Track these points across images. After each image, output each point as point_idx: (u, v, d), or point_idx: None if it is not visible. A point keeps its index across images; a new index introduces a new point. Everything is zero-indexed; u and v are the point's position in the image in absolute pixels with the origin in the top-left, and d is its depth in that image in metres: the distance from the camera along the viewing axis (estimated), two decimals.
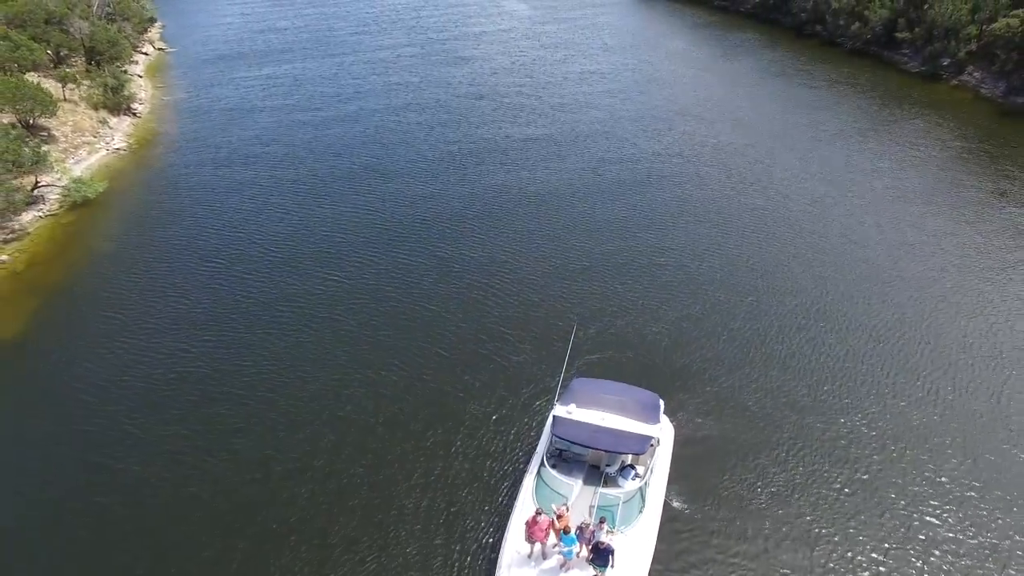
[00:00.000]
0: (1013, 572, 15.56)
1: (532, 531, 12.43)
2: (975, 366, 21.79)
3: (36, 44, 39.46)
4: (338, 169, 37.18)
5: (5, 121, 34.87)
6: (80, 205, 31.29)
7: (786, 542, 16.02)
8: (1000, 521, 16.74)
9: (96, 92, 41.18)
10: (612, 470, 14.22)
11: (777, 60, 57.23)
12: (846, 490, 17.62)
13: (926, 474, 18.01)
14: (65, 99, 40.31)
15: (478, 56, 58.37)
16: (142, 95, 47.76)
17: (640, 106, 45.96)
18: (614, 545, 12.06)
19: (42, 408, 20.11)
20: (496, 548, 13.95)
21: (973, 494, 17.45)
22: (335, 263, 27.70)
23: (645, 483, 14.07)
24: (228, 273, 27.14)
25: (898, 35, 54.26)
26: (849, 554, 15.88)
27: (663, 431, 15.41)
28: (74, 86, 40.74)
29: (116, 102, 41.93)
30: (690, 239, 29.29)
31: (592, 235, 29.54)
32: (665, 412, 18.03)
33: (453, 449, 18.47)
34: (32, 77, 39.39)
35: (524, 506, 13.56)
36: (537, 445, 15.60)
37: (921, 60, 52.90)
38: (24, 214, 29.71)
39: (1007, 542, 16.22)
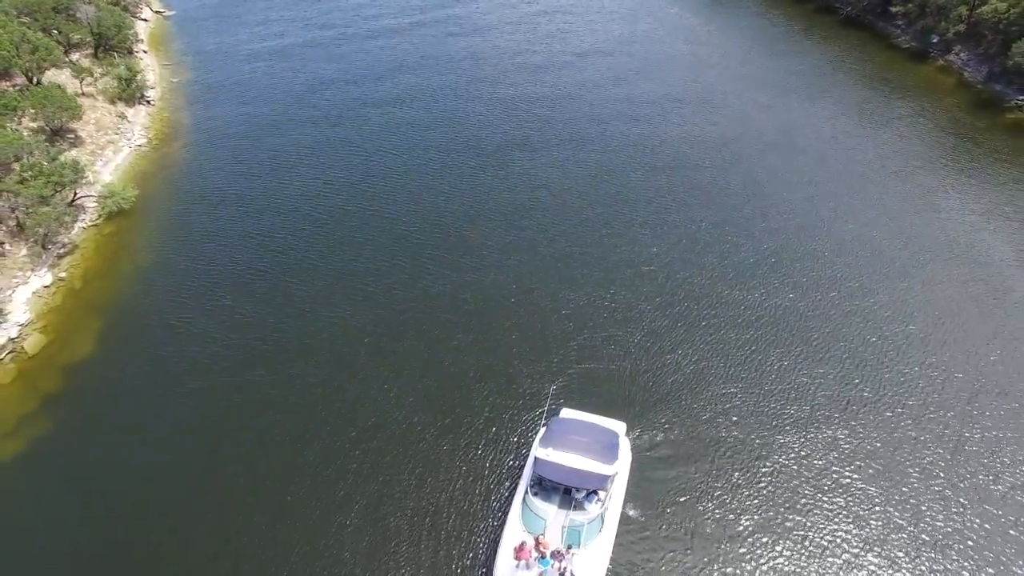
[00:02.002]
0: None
1: (519, 554, 17.17)
2: (890, 380, 26.08)
3: (52, 41, 40.99)
4: (354, 154, 40.68)
5: (34, 125, 37.49)
6: (117, 214, 34.47)
7: (718, 535, 20.76)
8: (881, 520, 21.55)
9: (111, 85, 43.10)
10: (580, 496, 18.83)
11: (771, 30, 57.87)
12: (769, 489, 22.31)
13: (834, 477, 22.60)
14: (83, 93, 42.36)
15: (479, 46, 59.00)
16: (151, 77, 49.30)
17: (625, 92, 47.74)
18: (576, 571, 16.91)
19: (121, 420, 24.49)
20: (491, 552, 18.82)
21: (874, 492, 22.16)
22: (362, 270, 31.43)
23: (605, 508, 18.70)
24: (265, 278, 30.95)
25: (893, 8, 54.83)
26: (764, 540, 20.74)
27: (621, 463, 19.87)
28: (90, 79, 42.61)
29: (131, 93, 43.90)
30: (664, 247, 32.74)
31: (578, 244, 33.02)
32: (628, 433, 22.55)
33: (458, 457, 23.01)
34: (49, 72, 41.35)
35: (513, 529, 18.24)
36: (523, 472, 20.19)
37: (912, 35, 53.87)
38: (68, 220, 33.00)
39: (879, 536, 21.07)
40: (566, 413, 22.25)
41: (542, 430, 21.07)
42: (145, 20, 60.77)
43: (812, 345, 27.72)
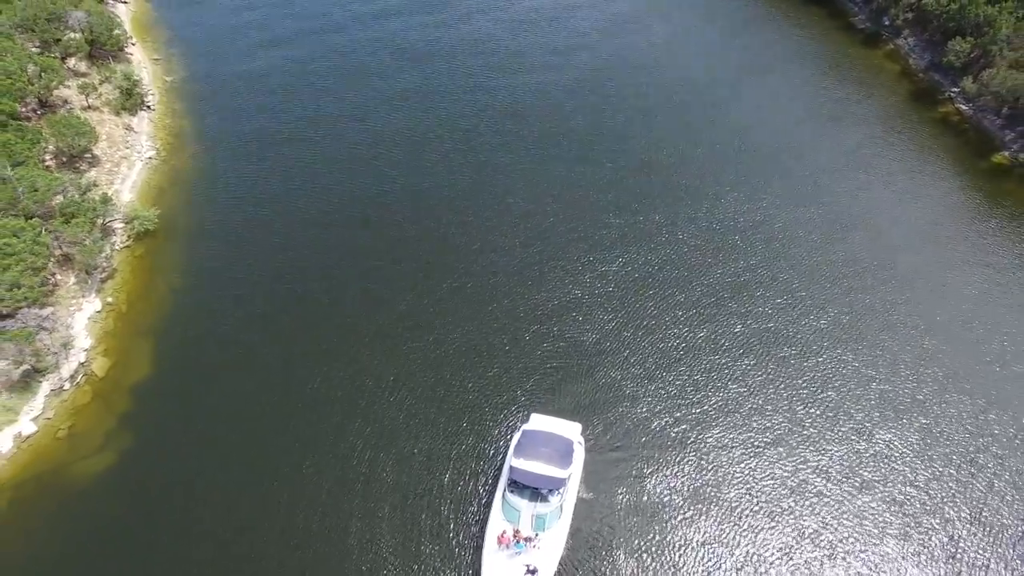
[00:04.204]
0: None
1: (500, 540, 24.17)
2: (793, 368, 32.85)
3: (56, 60, 43.61)
4: (358, 145, 45.56)
5: (53, 149, 41.16)
6: (143, 235, 39.06)
7: (653, 503, 27.78)
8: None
9: (114, 96, 46.12)
10: (545, 491, 25.79)
11: (736, 14, 60.31)
12: (694, 465, 29.35)
13: (747, 472, 29.54)
14: (89, 107, 45.52)
15: None
16: (146, 77, 51.74)
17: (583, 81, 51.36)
18: (542, 550, 24.09)
19: (189, 427, 30.60)
20: (479, 541, 25.74)
21: (778, 472, 29.26)
22: (373, 275, 36.96)
23: (563, 499, 25.62)
24: (288, 284, 36.35)
25: None
26: (687, 505, 27.87)
27: (575, 466, 26.58)
28: (95, 93, 45.59)
29: (133, 102, 46.99)
30: (625, 254, 38.42)
31: (548, 249, 38.55)
32: (583, 432, 29.18)
33: (453, 444, 29.57)
34: (56, 91, 44.24)
35: (495, 520, 25.06)
36: (502, 474, 26.92)
37: (867, 15, 56.98)
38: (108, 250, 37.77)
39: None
40: (534, 420, 28.72)
41: (516, 437, 27.69)
42: (125, 2, 61.63)
43: (737, 339, 34.26)
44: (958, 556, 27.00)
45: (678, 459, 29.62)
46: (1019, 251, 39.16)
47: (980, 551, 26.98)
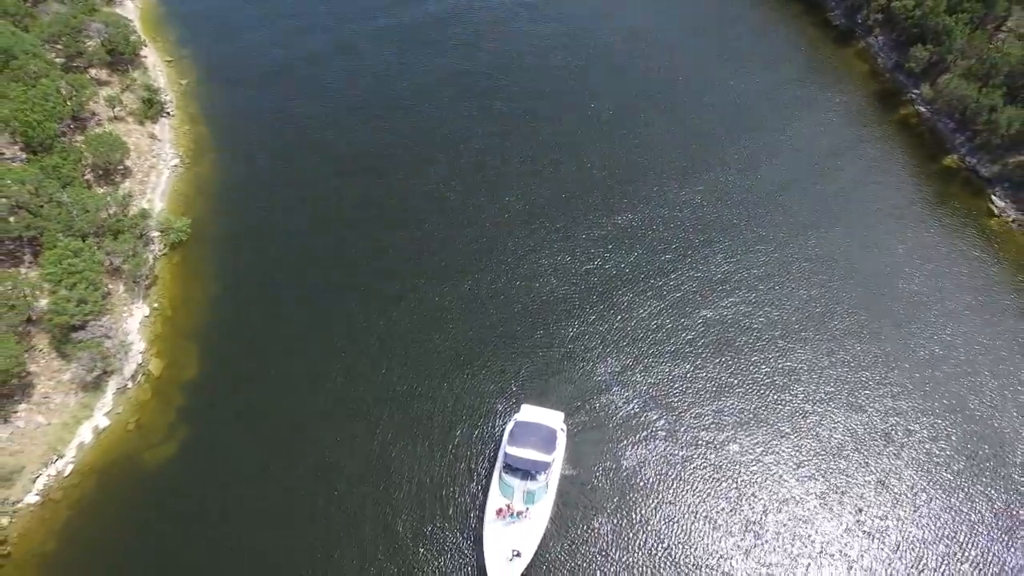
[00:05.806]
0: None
1: (499, 514, 30.40)
2: (756, 375, 38.66)
3: (85, 77, 47.21)
4: (380, 154, 49.21)
5: (89, 162, 45.40)
6: (177, 244, 43.89)
7: (627, 478, 33.96)
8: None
9: (138, 107, 49.89)
10: (534, 472, 31.92)
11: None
12: (661, 446, 35.53)
13: (704, 447, 35.68)
14: (115, 117, 49.37)
15: None
16: (161, 80, 55.18)
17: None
18: (531, 518, 30.34)
19: (237, 423, 36.43)
20: (480, 512, 31.89)
21: (739, 467, 35.56)
22: (387, 271, 42.15)
23: (549, 477, 31.74)
24: (312, 288, 41.33)
25: None
26: (655, 479, 34.13)
27: (558, 451, 32.53)
28: (120, 106, 49.34)
29: (155, 112, 50.78)
30: (605, 259, 43.58)
31: (535, 249, 43.67)
32: (565, 419, 35.08)
33: (456, 437, 35.73)
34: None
35: (494, 496, 31.15)
36: (498, 457, 32.94)
37: (842, 11, 60.00)
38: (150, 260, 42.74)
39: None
40: (524, 410, 34.41)
41: (509, 427, 33.54)
42: None
43: (700, 335, 39.90)
44: (864, 511, 33.52)
45: (647, 438, 35.67)
46: (953, 249, 44.29)
47: (881, 509, 33.52)
